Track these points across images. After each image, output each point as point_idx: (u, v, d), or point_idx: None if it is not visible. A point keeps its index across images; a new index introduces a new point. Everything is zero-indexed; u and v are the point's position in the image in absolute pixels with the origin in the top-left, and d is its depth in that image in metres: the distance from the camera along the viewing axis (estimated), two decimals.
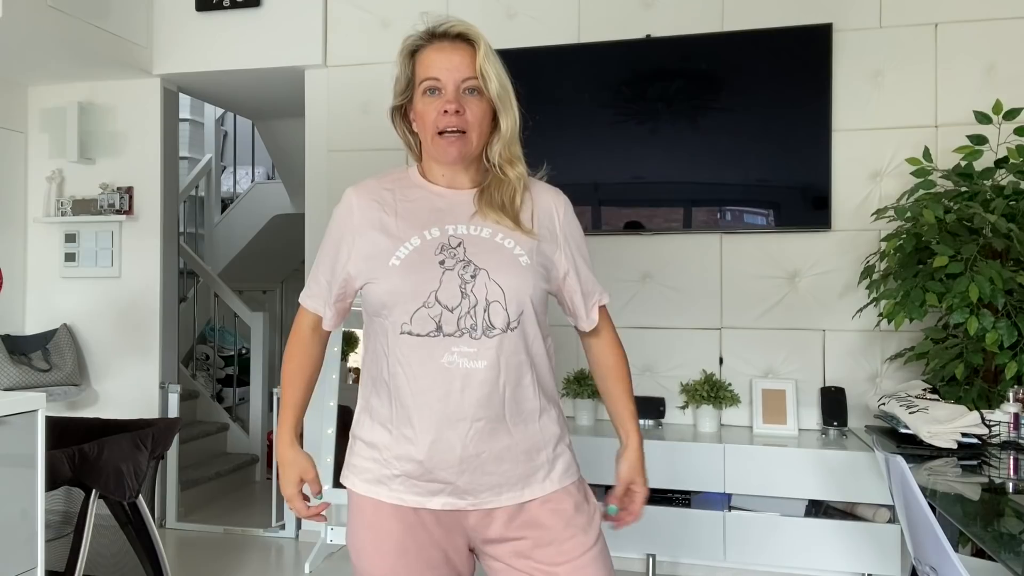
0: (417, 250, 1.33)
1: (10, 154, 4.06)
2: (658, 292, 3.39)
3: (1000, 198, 2.60)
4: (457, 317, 1.30)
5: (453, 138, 1.34)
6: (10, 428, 2.05)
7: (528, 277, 1.34)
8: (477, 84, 1.34)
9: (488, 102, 1.36)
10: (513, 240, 1.36)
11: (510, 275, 1.33)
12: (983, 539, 1.58)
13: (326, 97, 3.78)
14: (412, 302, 1.31)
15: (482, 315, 1.31)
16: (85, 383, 4.00)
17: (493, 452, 1.32)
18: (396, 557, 1.35)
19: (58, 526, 2.60)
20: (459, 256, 1.33)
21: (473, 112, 1.35)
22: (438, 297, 1.30)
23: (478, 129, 1.36)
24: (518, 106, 1.39)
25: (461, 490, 1.33)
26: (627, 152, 3.33)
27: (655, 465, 3.01)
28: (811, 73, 3.16)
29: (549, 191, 1.47)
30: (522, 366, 1.34)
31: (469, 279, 1.31)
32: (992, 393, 2.63)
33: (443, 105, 1.34)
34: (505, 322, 1.31)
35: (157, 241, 3.97)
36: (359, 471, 1.40)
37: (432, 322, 1.30)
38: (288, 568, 3.47)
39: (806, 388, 3.23)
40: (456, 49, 1.35)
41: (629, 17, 3.40)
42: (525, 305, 1.34)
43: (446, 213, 1.38)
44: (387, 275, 1.33)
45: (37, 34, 3.33)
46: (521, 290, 1.33)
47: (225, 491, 4.58)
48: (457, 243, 1.34)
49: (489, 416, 1.31)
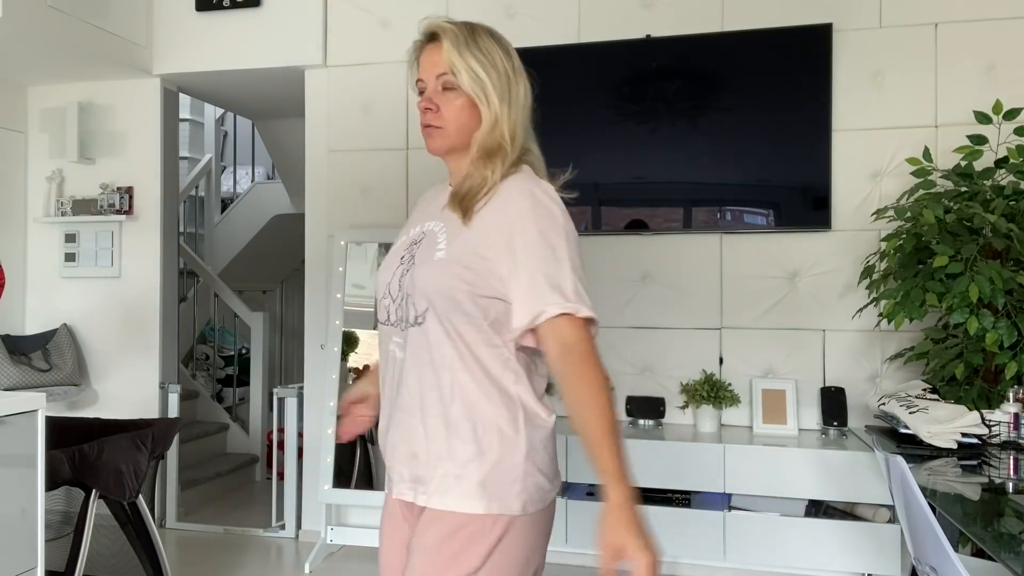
0: (398, 245, 1.44)
1: (10, 154, 4.06)
2: (658, 292, 3.39)
3: (1000, 198, 2.60)
4: (396, 307, 1.36)
5: (430, 130, 1.37)
6: (10, 428, 2.05)
7: (438, 271, 1.28)
8: (451, 80, 1.34)
9: (466, 96, 1.34)
10: (447, 235, 1.32)
11: (424, 268, 1.31)
12: (983, 539, 1.58)
13: (326, 97, 3.78)
14: (379, 293, 1.41)
15: (405, 308, 1.34)
16: (85, 383, 4.00)
17: (407, 445, 1.33)
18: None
19: (58, 526, 2.60)
20: (413, 252, 1.37)
21: (449, 108, 1.35)
22: (390, 288, 1.38)
23: (455, 123, 1.35)
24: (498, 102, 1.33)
25: (398, 478, 1.37)
26: (627, 152, 3.33)
27: (655, 465, 3.02)
28: (811, 73, 3.16)
29: (523, 193, 1.30)
30: (424, 366, 1.30)
31: (405, 272, 1.35)
32: (992, 393, 2.63)
33: (422, 103, 1.37)
34: (414, 316, 1.32)
35: (157, 241, 3.97)
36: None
37: (385, 312, 1.39)
38: (288, 568, 3.47)
39: (806, 388, 3.23)
40: (435, 48, 1.36)
41: (629, 17, 3.40)
42: (432, 301, 1.28)
43: (431, 210, 1.44)
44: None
45: (37, 34, 3.33)
46: (428, 284, 1.29)
47: (225, 491, 4.58)
48: (421, 238, 1.38)
49: (402, 407, 1.34)
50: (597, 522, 1.16)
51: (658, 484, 3.01)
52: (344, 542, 3.55)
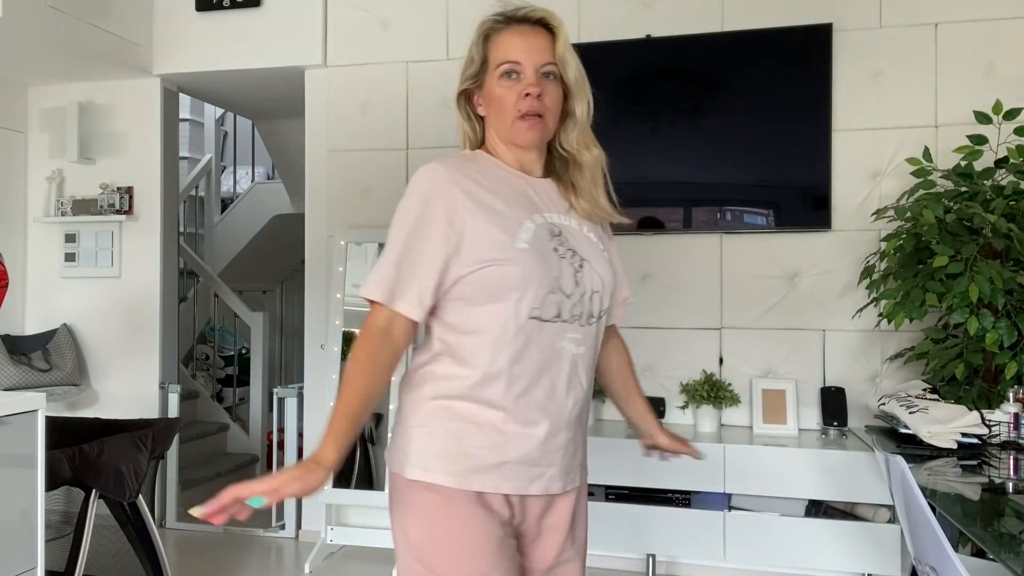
0: (535, 234, 1.30)
1: (10, 154, 4.06)
2: (658, 292, 3.39)
3: (1000, 198, 2.60)
4: (572, 304, 1.32)
5: (534, 120, 1.34)
6: (10, 428, 2.05)
7: (611, 271, 1.41)
8: (555, 70, 1.36)
9: (562, 88, 1.38)
10: (595, 235, 1.43)
11: (604, 268, 1.39)
12: (983, 539, 1.58)
13: (326, 97, 3.78)
14: (542, 287, 1.28)
15: (587, 304, 1.35)
16: (85, 383, 4.00)
17: (577, 437, 1.39)
18: (496, 554, 1.27)
19: (58, 526, 2.60)
20: (567, 244, 1.34)
21: (551, 97, 1.36)
22: (560, 283, 1.30)
23: (554, 114, 1.37)
24: (591, 91, 1.42)
25: (557, 474, 1.35)
26: (627, 152, 3.33)
27: (655, 465, 3.02)
28: (811, 73, 3.16)
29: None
30: (596, 356, 1.42)
31: (579, 268, 1.34)
32: (992, 393, 2.63)
33: (525, 88, 1.33)
34: (599, 312, 1.38)
35: (157, 241, 3.97)
36: (454, 461, 1.27)
37: (556, 307, 1.30)
38: (288, 568, 3.47)
39: (806, 388, 3.22)
40: (536, 34, 1.36)
41: (629, 17, 3.40)
42: (607, 298, 1.40)
43: (536, 199, 1.38)
44: (516, 258, 1.27)
45: (37, 34, 3.33)
46: (609, 283, 1.39)
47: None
48: (559, 231, 1.35)
49: (581, 402, 1.38)
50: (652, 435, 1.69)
51: (658, 484, 3.01)
52: (344, 542, 3.55)
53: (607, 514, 3.04)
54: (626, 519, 3.02)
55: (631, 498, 3.06)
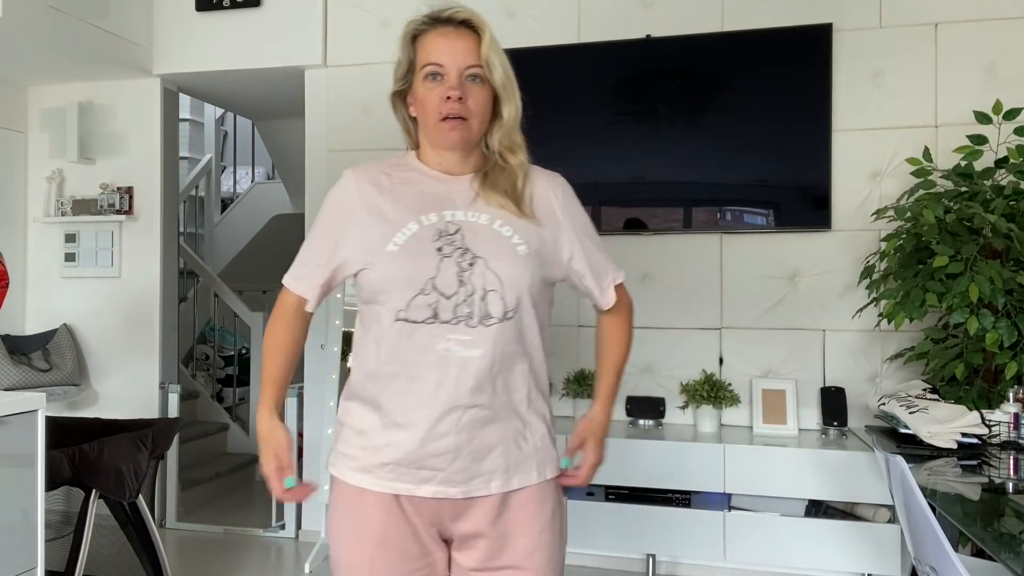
0: (415, 236, 1.32)
1: (10, 154, 4.06)
2: (658, 292, 3.39)
3: (1000, 198, 2.60)
4: (454, 305, 1.30)
5: (455, 123, 1.34)
6: (10, 428, 2.05)
7: (526, 267, 1.34)
8: (480, 72, 1.34)
9: (490, 89, 1.36)
10: (511, 228, 1.36)
11: (508, 265, 1.32)
12: (983, 539, 1.58)
13: (326, 97, 3.78)
14: (409, 289, 1.30)
15: (479, 304, 1.30)
16: (85, 383, 4.00)
17: (484, 441, 1.32)
18: (376, 547, 1.34)
19: (58, 526, 2.60)
20: (457, 243, 1.32)
21: (475, 99, 1.34)
22: (435, 284, 1.30)
23: (480, 116, 1.36)
24: (519, 94, 1.39)
25: (451, 479, 1.33)
26: (627, 152, 3.33)
27: (655, 465, 3.02)
28: (811, 73, 3.16)
29: (546, 175, 1.46)
30: (515, 356, 1.34)
31: (467, 267, 1.31)
32: (992, 393, 2.63)
33: (446, 91, 1.33)
34: (502, 312, 1.31)
35: (157, 241, 3.97)
36: (347, 458, 1.38)
37: (429, 309, 1.29)
38: (288, 568, 3.47)
39: (806, 388, 3.22)
40: (460, 35, 1.35)
41: (629, 17, 3.40)
42: (522, 295, 1.33)
43: (443, 198, 1.37)
44: (384, 261, 1.32)
45: (37, 34, 3.33)
46: (519, 280, 1.33)
47: (225, 491, 4.58)
48: (455, 229, 1.33)
49: (481, 404, 1.31)
50: (581, 418, 1.54)
51: (658, 484, 3.01)
52: None
53: (607, 514, 3.04)
54: (626, 519, 3.02)
55: (631, 498, 3.06)
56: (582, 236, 1.45)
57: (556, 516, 1.41)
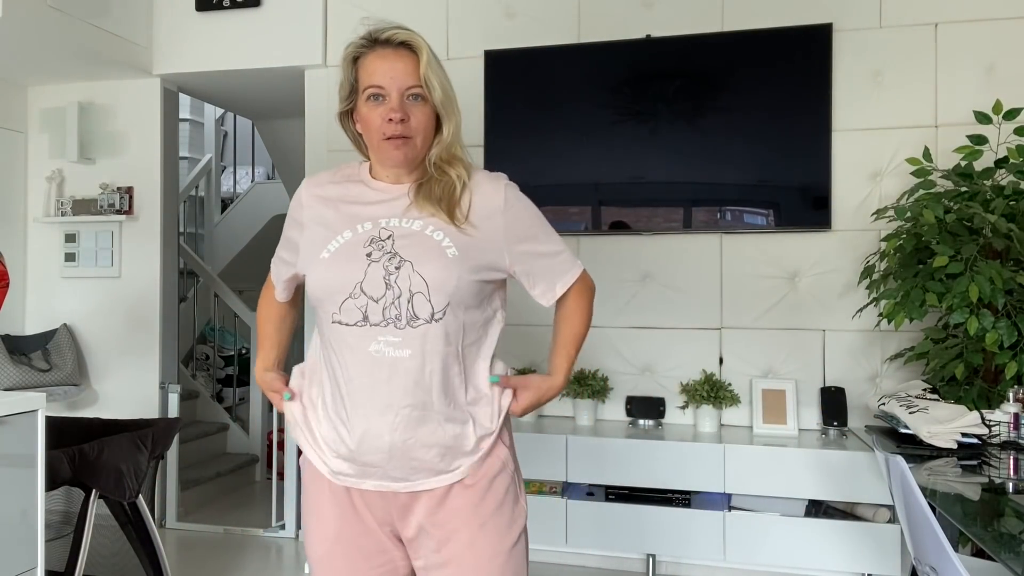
0: (348, 243, 1.38)
1: (10, 154, 4.06)
2: (658, 292, 3.39)
3: (1000, 198, 2.60)
4: (382, 308, 1.34)
5: (399, 143, 1.37)
6: (10, 428, 2.05)
7: (453, 269, 1.35)
8: (421, 91, 1.38)
9: (432, 107, 1.39)
10: (443, 233, 1.38)
11: (434, 267, 1.34)
12: (983, 539, 1.58)
13: (326, 97, 3.78)
14: (339, 293, 1.36)
15: (406, 306, 1.34)
16: (85, 383, 4.00)
17: (420, 439, 1.36)
18: (332, 543, 1.43)
19: (58, 526, 2.60)
20: (387, 248, 1.36)
21: (417, 119, 1.38)
22: (363, 288, 1.35)
23: (423, 133, 1.40)
24: (459, 110, 1.43)
25: (391, 475, 1.38)
26: (627, 152, 3.33)
27: (655, 465, 3.02)
28: (811, 73, 3.16)
29: (490, 180, 1.45)
30: (448, 356, 1.37)
31: (394, 270, 1.34)
32: (992, 393, 2.63)
33: (388, 113, 1.36)
34: (429, 313, 1.34)
35: (157, 241, 3.97)
36: (308, 433, 1.50)
37: (359, 312, 1.35)
38: (288, 568, 3.47)
39: (806, 388, 3.23)
40: (400, 57, 1.38)
41: (629, 17, 3.40)
42: (451, 297, 1.35)
43: (381, 207, 1.42)
44: (317, 268, 1.39)
45: (37, 34, 3.33)
46: (445, 282, 1.34)
47: (225, 491, 4.58)
48: (387, 236, 1.37)
49: (415, 404, 1.35)
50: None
51: (658, 484, 3.01)
52: None
53: (607, 514, 3.04)
54: (626, 519, 3.03)
55: (631, 498, 3.06)
56: (525, 243, 1.44)
57: (503, 513, 1.42)
